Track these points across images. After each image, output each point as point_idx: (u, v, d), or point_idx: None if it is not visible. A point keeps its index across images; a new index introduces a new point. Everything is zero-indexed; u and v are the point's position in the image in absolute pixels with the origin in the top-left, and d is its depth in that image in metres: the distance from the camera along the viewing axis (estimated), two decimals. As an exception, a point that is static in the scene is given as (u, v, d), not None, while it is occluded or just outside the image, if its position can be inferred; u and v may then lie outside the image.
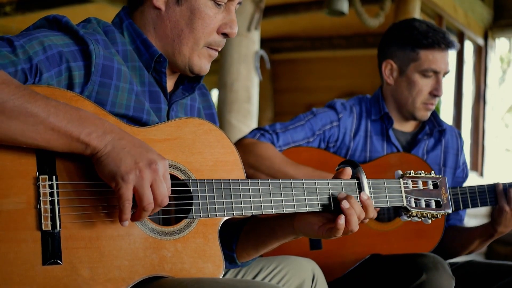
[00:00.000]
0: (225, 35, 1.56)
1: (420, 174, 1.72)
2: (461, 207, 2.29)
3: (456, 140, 2.56)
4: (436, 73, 2.39)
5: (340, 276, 2.27)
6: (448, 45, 2.38)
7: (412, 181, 1.70)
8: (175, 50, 1.54)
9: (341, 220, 1.49)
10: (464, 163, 2.59)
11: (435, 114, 2.53)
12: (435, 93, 2.40)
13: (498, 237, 2.34)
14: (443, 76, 2.42)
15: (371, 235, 2.30)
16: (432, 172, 1.76)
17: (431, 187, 1.72)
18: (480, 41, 7.65)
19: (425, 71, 2.38)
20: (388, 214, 2.35)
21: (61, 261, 1.26)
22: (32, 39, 1.35)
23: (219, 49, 1.58)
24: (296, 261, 1.76)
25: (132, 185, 1.26)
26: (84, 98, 1.36)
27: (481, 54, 7.77)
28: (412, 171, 1.71)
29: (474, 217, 6.42)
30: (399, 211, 1.71)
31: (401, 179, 1.68)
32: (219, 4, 1.52)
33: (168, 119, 1.57)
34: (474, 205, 2.29)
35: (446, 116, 7.32)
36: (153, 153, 1.29)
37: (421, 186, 1.70)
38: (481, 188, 2.29)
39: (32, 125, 1.21)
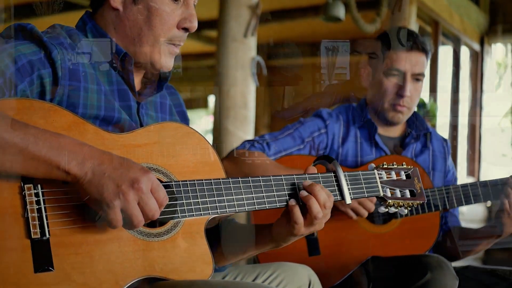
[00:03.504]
0: (186, 29, 1.57)
1: (393, 165, 1.77)
2: (455, 205, 2.30)
3: (442, 145, 2.58)
4: (401, 72, 2.38)
5: (341, 280, 2.27)
6: (412, 44, 2.37)
7: (385, 172, 1.74)
8: (136, 48, 1.55)
9: (295, 209, 1.50)
10: (452, 166, 2.60)
11: (420, 118, 2.54)
12: (399, 93, 2.38)
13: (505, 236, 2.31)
14: (417, 79, 2.40)
15: (369, 238, 2.31)
16: (404, 163, 1.79)
17: (404, 177, 1.76)
18: (476, 47, 7.67)
19: (388, 70, 2.39)
20: (383, 216, 2.35)
21: (53, 268, 1.26)
22: (0, 52, 1.36)
23: (181, 43, 1.59)
24: (293, 268, 1.77)
25: (118, 209, 1.27)
26: (61, 108, 1.37)
27: (477, 59, 7.79)
28: (385, 162, 1.76)
29: (471, 222, 6.41)
30: (378, 203, 1.74)
31: (375, 170, 1.72)
32: (176, 0, 1.54)
33: (138, 116, 1.58)
34: (468, 203, 2.30)
35: (443, 121, 7.30)
36: (135, 171, 1.29)
37: (394, 177, 1.75)
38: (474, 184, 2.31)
39: (10, 155, 1.22)
